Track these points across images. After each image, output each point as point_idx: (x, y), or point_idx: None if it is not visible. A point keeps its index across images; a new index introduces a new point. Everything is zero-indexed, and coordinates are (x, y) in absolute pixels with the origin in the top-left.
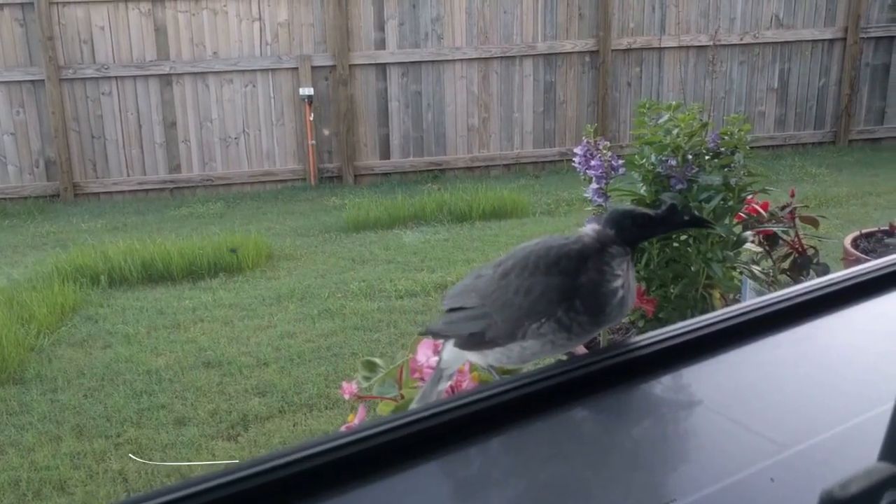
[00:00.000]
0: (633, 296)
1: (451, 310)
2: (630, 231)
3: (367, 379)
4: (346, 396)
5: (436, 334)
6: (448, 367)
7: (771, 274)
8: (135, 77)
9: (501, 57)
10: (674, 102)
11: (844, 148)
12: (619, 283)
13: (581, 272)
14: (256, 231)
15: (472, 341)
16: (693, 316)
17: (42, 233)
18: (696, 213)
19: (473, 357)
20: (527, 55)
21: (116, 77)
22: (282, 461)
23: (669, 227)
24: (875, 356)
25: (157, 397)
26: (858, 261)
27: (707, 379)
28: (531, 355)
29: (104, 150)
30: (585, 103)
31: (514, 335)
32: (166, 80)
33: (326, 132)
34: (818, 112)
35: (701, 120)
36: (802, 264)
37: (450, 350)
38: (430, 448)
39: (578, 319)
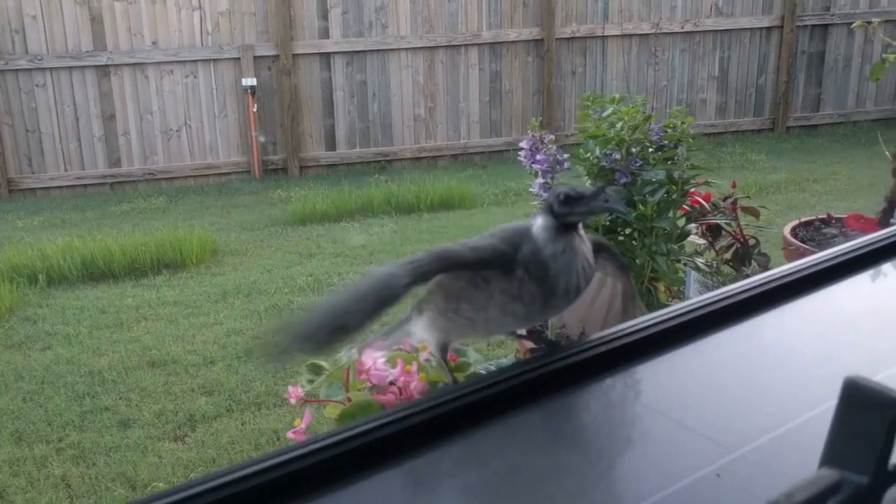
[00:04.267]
0: (588, 264)
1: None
2: (557, 208)
3: (312, 382)
4: (293, 401)
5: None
6: (414, 331)
7: (714, 265)
8: (70, 68)
9: (447, 46)
10: (617, 95)
11: (783, 135)
12: (557, 247)
13: (523, 246)
14: (200, 226)
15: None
16: None
17: None
18: (617, 203)
19: (439, 332)
20: (472, 44)
21: (51, 68)
22: (233, 476)
23: (592, 207)
24: (816, 352)
25: (100, 399)
26: (798, 250)
27: (652, 380)
28: (496, 327)
29: (40, 145)
30: (531, 93)
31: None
32: (104, 71)
33: (262, 139)
34: (757, 99)
35: (644, 112)
36: (744, 255)
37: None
38: (379, 459)
39: (528, 288)
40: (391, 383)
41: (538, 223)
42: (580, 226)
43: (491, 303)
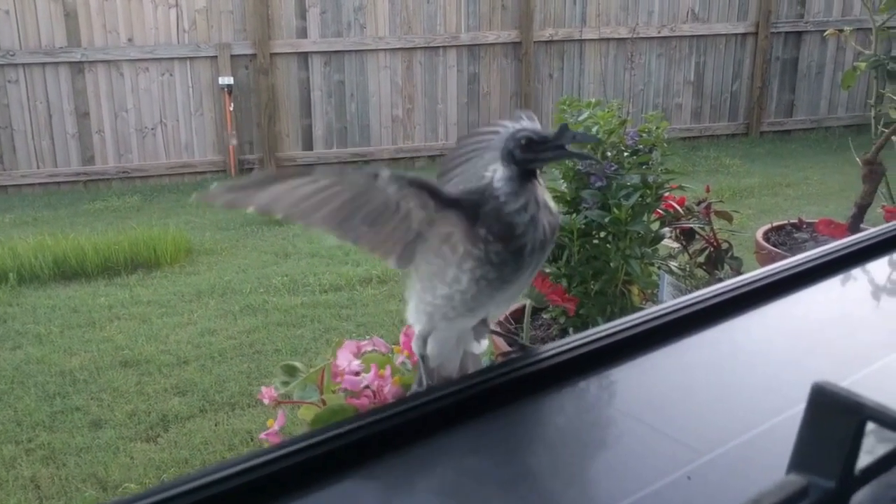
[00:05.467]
0: (552, 213)
1: None
2: (519, 154)
3: (286, 384)
4: (266, 402)
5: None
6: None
7: (687, 269)
8: (44, 64)
9: (425, 47)
10: (594, 99)
11: (756, 139)
12: (520, 202)
13: (485, 203)
14: (175, 225)
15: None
16: (612, 311)
17: None
18: (584, 141)
19: (423, 319)
20: (450, 46)
21: (24, 64)
22: (206, 480)
23: (557, 151)
24: (786, 356)
25: (71, 399)
26: (770, 254)
27: (625, 383)
28: (472, 299)
29: (12, 142)
30: (508, 95)
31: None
32: (78, 67)
33: (235, 141)
34: (732, 104)
35: (620, 116)
36: (717, 258)
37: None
38: (352, 462)
39: (493, 248)
40: (366, 387)
41: (498, 174)
42: (538, 171)
43: (461, 273)
